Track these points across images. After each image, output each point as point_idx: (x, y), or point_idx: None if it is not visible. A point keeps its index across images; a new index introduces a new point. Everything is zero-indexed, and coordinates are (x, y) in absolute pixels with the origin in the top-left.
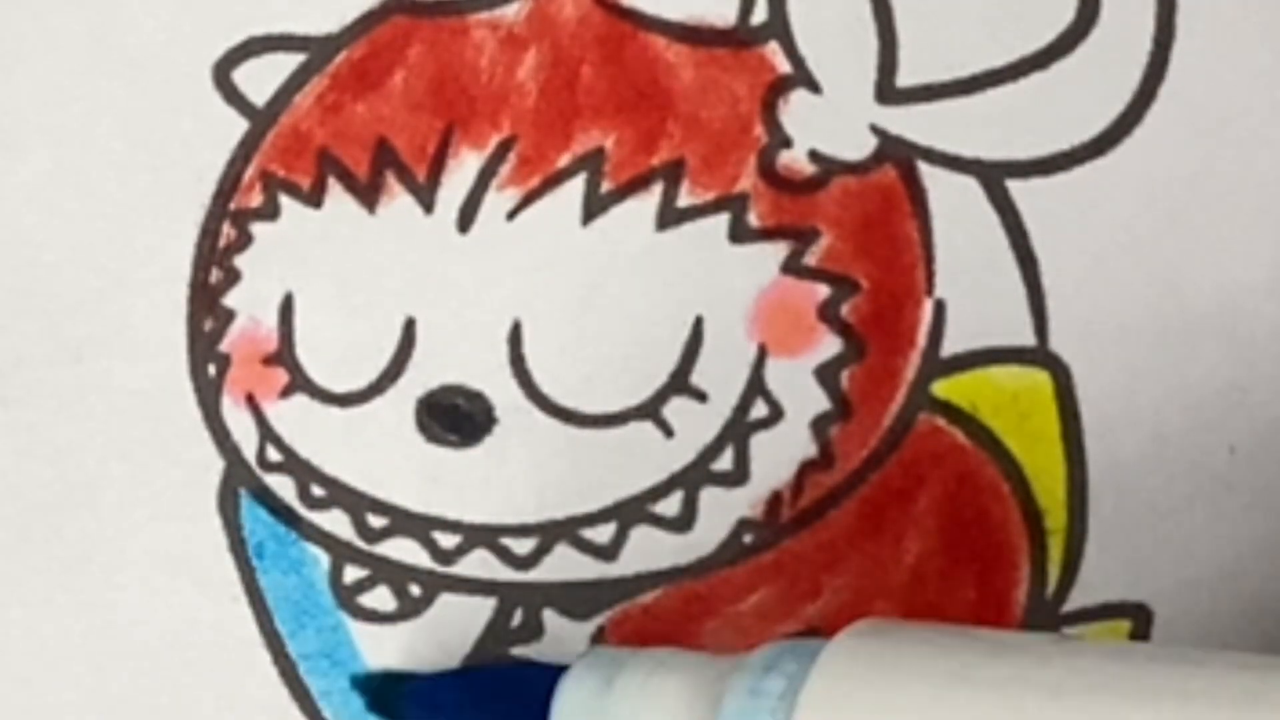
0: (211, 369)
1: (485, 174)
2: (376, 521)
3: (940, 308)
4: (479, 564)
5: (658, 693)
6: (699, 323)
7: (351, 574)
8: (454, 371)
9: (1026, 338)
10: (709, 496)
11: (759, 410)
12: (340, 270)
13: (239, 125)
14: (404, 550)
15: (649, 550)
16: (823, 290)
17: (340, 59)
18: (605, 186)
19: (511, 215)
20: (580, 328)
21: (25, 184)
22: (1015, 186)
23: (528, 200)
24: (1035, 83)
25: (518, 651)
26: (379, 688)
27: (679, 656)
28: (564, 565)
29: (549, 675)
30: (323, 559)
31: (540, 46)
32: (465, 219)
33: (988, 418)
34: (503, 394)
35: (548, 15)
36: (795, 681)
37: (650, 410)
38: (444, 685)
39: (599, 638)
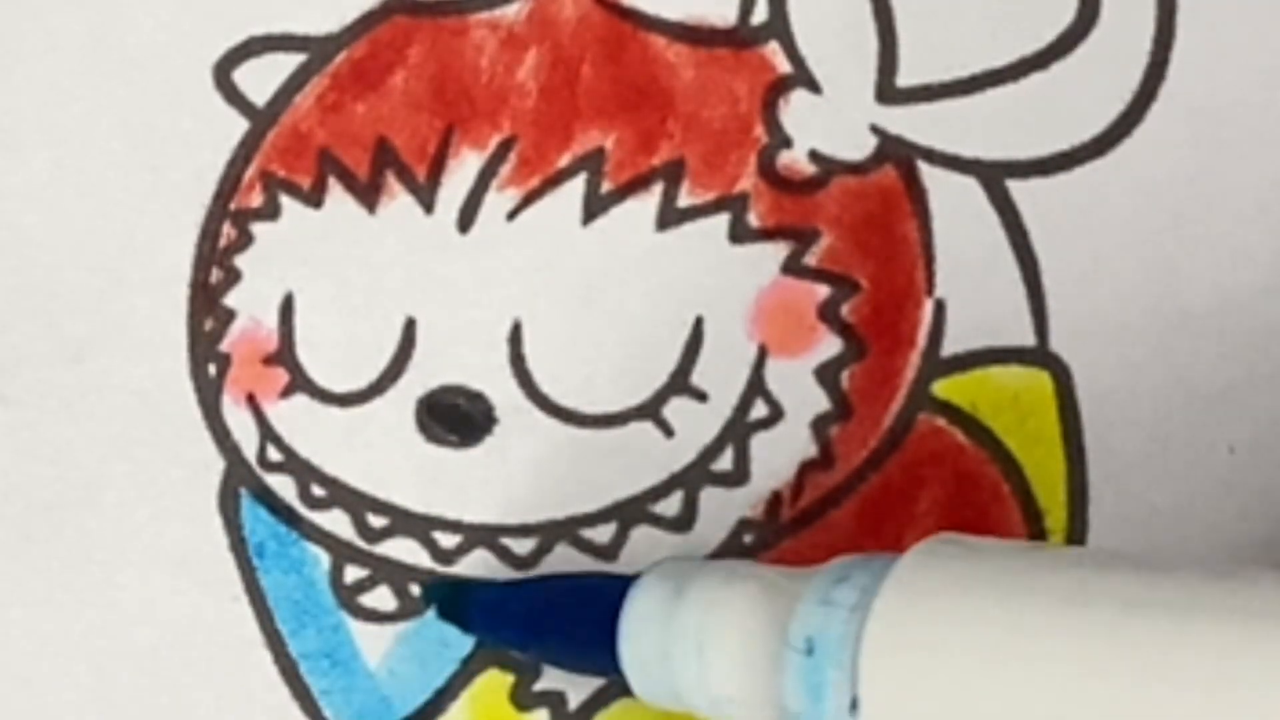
0: (212, 369)
1: (485, 174)
2: (377, 521)
3: (940, 308)
4: (479, 564)
5: (729, 602)
6: (699, 323)
7: (352, 574)
8: (454, 371)
9: (1026, 338)
10: (709, 496)
11: (759, 410)
12: (340, 270)
13: (239, 125)
14: (404, 550)
15: (649, 550)
16: (823, 290)
17: (340, 59)
18: (605, 186)
19: (511, 215)
20: (580, 328)
21: (25, 184)
22: (1015, 186)
23: (528, 200)
24: (1035, 83)
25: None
26: (448, 595)
27: (750, 567)
28: (564, 565)
29: (619, 585)
30: (323, 559)
31: (540, 46)
32: (465, 219)
33: (988, 418)
34: (503, 394)
35: (548, 15)
36: (868, 593)
37: (650, 410)
38: (513, 594)
39: None
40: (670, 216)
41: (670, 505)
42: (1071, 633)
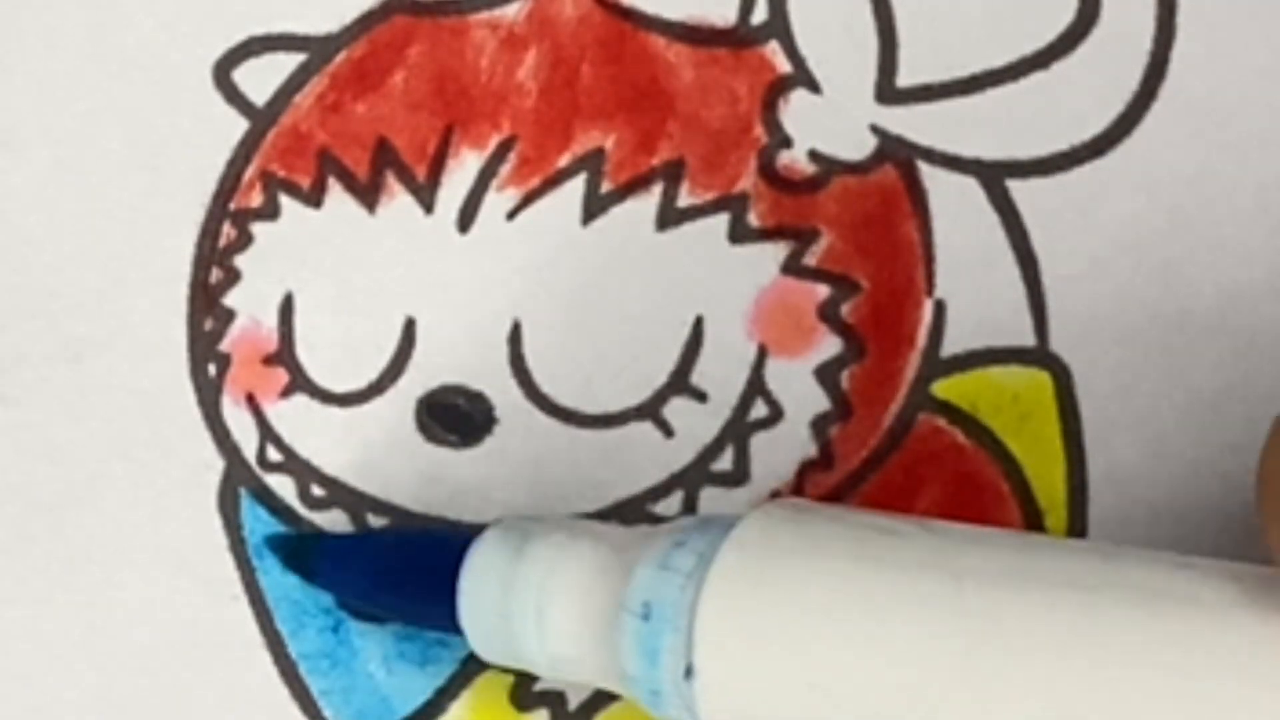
0: (212, 369)
1: (485, 174)
2: (376, 521)
3: (940, 308)
4: None
5: (568, 563)
6: (699, 323)
7: None
8: (454, 371)
9: (1026, 338)
10: (709, 496)
11: (759, 410)
12: (340, 270)
13: (239, 125)
14: None
15: None
16: (823, 290)
17: (340, 59)
18: (605, 186)
19: (511, 215)
20: (580, 328)
21: (25, 184)
22: (1015, 186)
23: (528, 200)
24: (1035, 83)
25: None
26: (294, 547)
27: (590, 527)
28: None
29: (460, 540)
30: None
31: (540, 46)
32: (465, 219)
33: (988, 418)
34: (503, 394)
35: (548, 15)
36: (705, 559)
37: (650, 410)
38: (356, 546)
39: None
40: (670, 216)
41: (670, 505)
42: (906, 599)
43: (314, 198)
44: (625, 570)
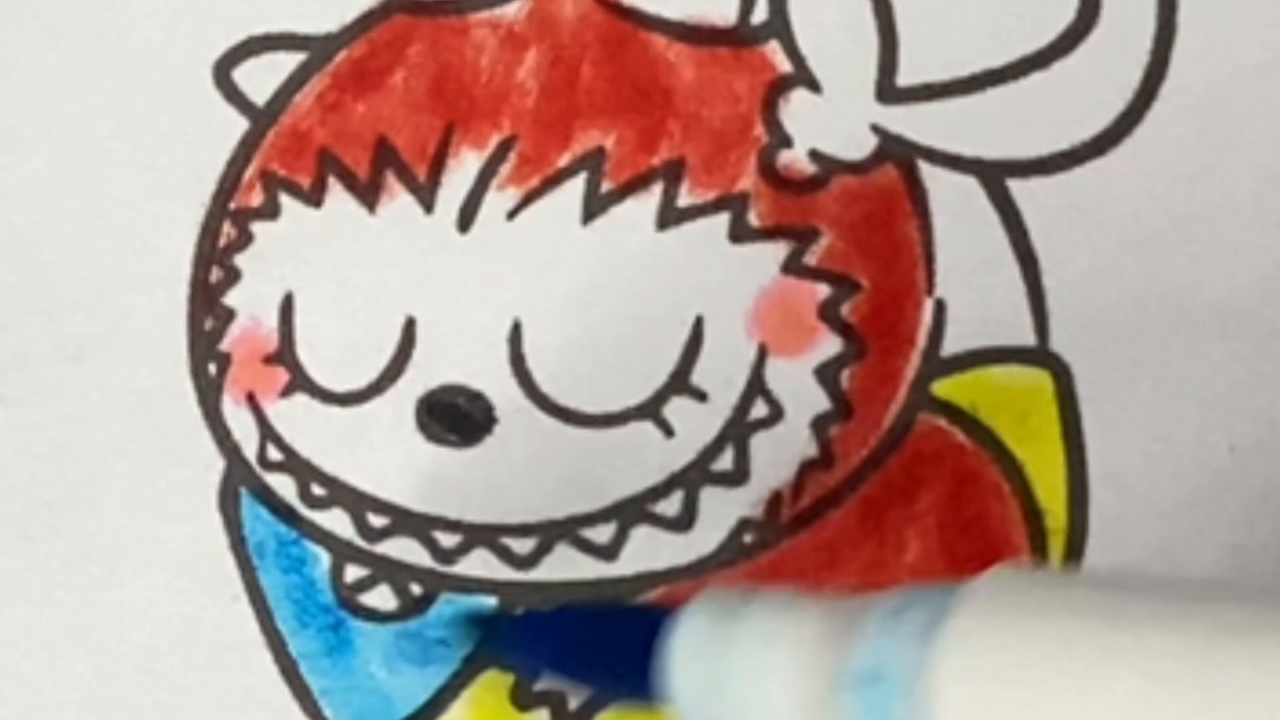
0: (212, 368)
1: (485, 174)
2: (377, 521)
3: (940, 308)
4: (479, 563)
5: (788, 631)
6: (699, 323)
7: (352, 573)
8: (454, 371)
9: (1026, 338)
10: (709, 496)
11: (759, 410)
12: (340, 270)
13: (239, 124)
14: (405, 549)
15: (649, 550)
16: (823, 290)
17: (340, 58)
18: (605, 186)
19: (511, 215)
20: (580, 328)
21: (25, 184)
22: (1015, 186)
23: (528, 200)
24: (1035, 83)
25: None
26: (484, 624)
27: (801, 599)
28: (564, 565)
29: (659, 616)
30: (323, 558)
31: (540, 46)
32: (465, 219)
33: (988, 418)
34: (503, 394)
35: (548, 14)
36: (934, 622)
37: (650, 410)
38: (549, 622)
39: None
40: (670, 216)
41: (670, 505)
42: (1155, 656)
43: (314, 197)
44: (844, 638)
